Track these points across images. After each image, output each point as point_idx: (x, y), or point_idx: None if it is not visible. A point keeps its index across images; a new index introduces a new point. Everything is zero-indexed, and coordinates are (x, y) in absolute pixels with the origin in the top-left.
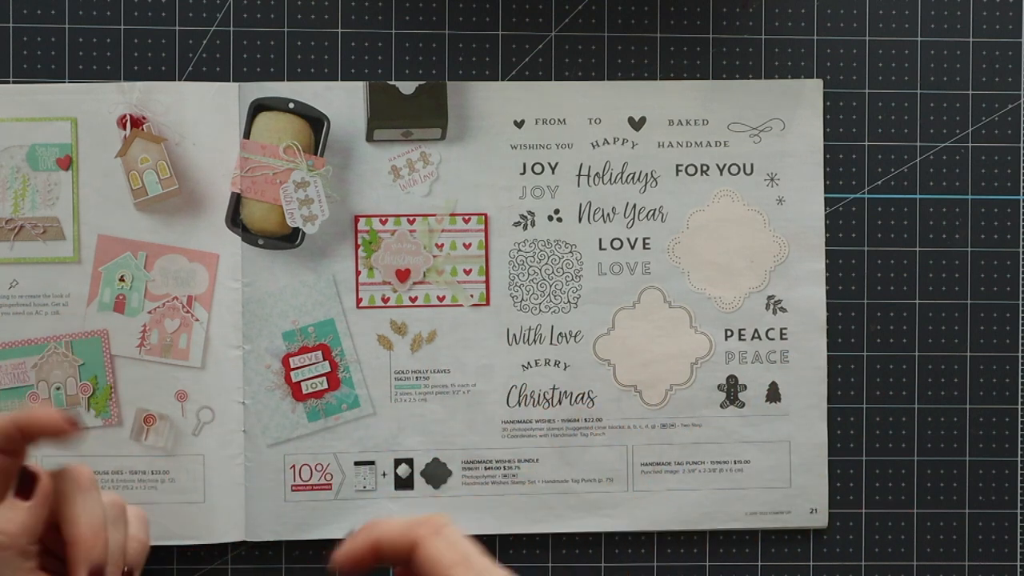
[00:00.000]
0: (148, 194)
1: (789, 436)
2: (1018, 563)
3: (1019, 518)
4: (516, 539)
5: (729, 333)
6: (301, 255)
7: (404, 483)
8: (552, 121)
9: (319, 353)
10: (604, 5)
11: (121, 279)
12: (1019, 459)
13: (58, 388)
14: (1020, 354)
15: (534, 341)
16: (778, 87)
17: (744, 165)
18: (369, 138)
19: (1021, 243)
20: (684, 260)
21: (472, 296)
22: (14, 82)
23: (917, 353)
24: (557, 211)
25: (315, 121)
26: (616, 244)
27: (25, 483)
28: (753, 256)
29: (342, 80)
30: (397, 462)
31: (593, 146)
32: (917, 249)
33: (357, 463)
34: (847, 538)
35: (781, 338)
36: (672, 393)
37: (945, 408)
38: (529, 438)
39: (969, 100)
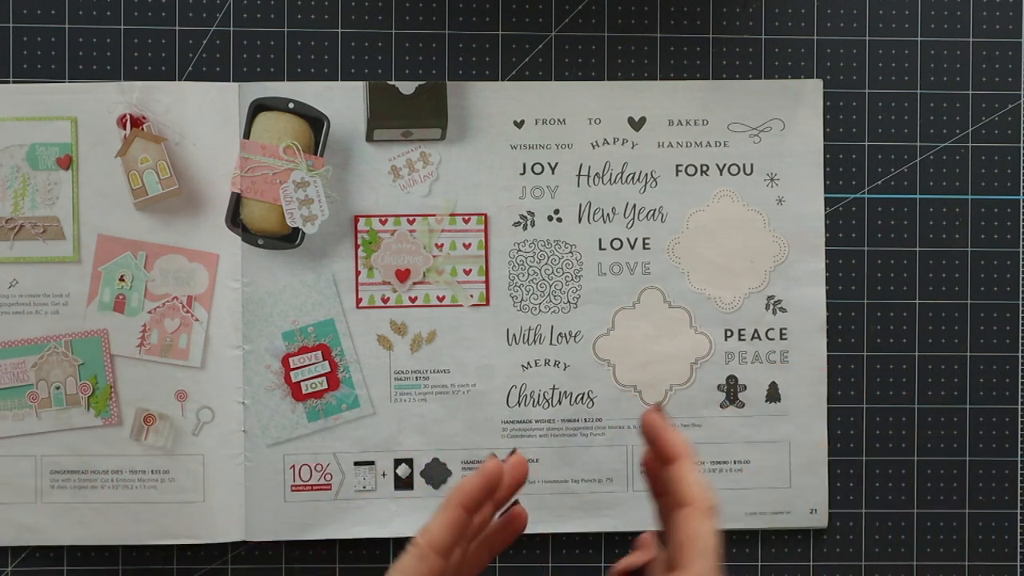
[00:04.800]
0: (148, 194)
1: (789, 436)
2: (1018, 563)
3: (1019, 518)
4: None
5: (729, 333)
6: (301, 255)
7: (404, 483)
8: (552, 121)
9: (319, 353)
10: (604, 5)
11: (121, 279)
12: (1019, 459)
13: (58, 387)
14: (1020, 354)
15: (534, 341)
16: (778, 87)
17: (744, 165)
18: (369, 138)
19: (1021, 243)
20: (684, 260)
21: (472, 296)
22: (14, 82)
23: (917, 353)
24: (557, 211)
25: (315, 121)
26: (616, 244)
27: None
28: (753, 256)
29: (342, 80)
30: (397, 462)
31: (593, 146)
32: (917, 249)
33: (357, 463)
34: (847, 538)
35: (781, 338)
36: (672, 393)
37: (945, 408)
38: (529, 438)
39: (969, 100)
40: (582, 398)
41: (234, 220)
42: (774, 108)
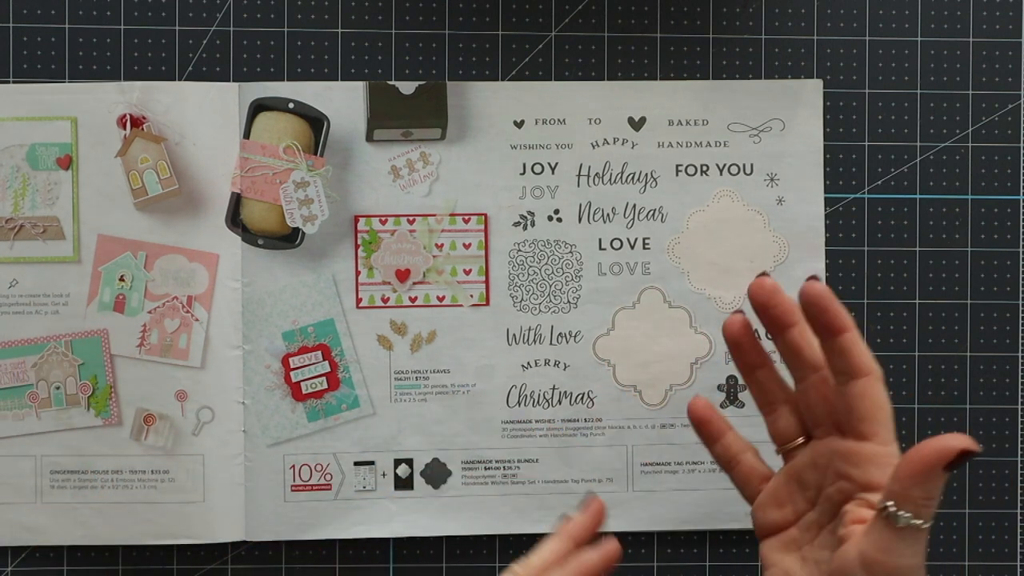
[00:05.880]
0: (148, 194)
1: None
2: (1018, 563)
3: (1019, 518)
4: (516, 539)
5: None
6: (301, 255)
7: (404, 483)
8: (552, 121)
9: (319, 353)
10: (604, 5)
11: (121, 279)
12: (1019, 459)
13: (58, 388)
14: (1020, 354)
15: (534, 341)
16: (778, 87)
17: (744, 165)
18: (369, 138)
19: (1021, 243)
20: (684, 260)
21: (472, 296)
22: (14, 82)
23: (917, 353)
24: (557, 211)
25: (315, 121)
26: (616, 244)
27: None
28: (753, 256)
29: (342, 80)
30: (397, 462)
31: (593, 146)
32: (917, 249)
33: (357, 463)
34: None
35: None
36: (672, 393)
37: (945, 408)
38: (529, 438)
39: (969, 100)
40: (582, 398)
41: (234, 220)
42: (774, 108)
